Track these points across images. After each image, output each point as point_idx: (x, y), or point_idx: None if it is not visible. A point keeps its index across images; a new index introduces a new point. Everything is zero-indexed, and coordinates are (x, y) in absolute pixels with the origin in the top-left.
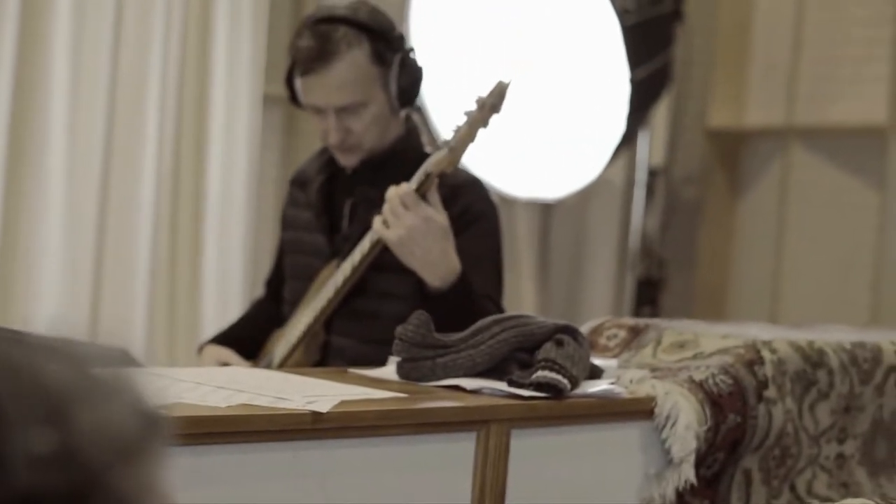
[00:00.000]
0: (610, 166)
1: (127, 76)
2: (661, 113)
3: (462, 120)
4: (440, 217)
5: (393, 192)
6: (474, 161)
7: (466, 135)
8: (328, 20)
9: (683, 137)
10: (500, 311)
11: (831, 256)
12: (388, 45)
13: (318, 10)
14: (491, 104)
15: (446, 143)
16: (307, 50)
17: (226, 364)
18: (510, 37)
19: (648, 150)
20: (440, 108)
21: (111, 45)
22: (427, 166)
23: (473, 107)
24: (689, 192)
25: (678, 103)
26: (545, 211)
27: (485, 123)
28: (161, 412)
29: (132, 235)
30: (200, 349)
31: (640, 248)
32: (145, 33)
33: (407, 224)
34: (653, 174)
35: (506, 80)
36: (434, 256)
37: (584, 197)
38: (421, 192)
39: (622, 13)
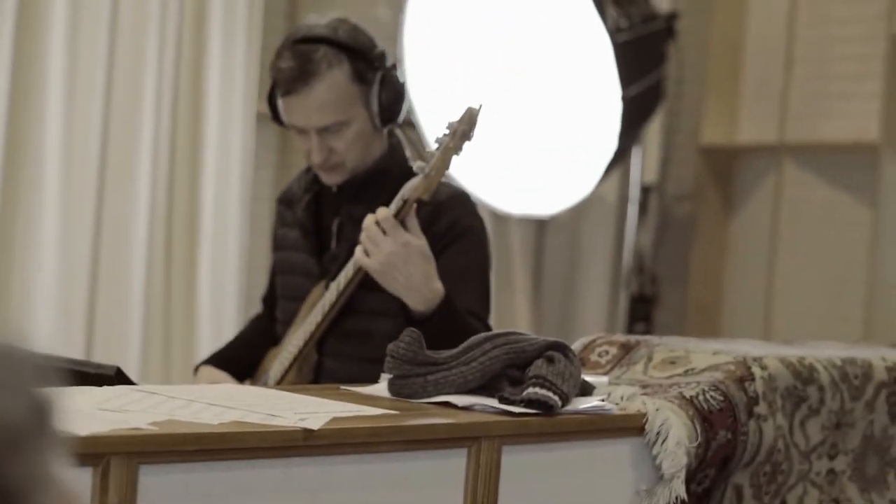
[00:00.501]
0: (603, 183)
1: (121, 95)
2: (654, 130)
3: (435, 147)
4: (419, 241)
5: (371, 220)
6: (468, 178)
7: (440, 162)
8: (308, 40)
9: (676, 154)
10: (486, 328)
11: (824, 273)
12: (368, 64)
13: (298, 29)
14: (462, 131)
15: (421, 169)
16: (287, 70)
17: None
18: (504, 53)
19: (641, 166)
20: (434, 121)
21: (105, 65)
22: (404, 193)
23: (446, 133)
24: (682, 208)
25: (671, 120)
26: (538, 227)
27: (457, 150)
28: (53, 405)
29: (127, 253)
30: (196, 370)
31: (633, 264)
32: (139, 53)
33: (387, 251)
34: (646, 191)
35: (475, 107)
36: (416, 281)
37: (578, 213)
38: (399, 217)
39: (615, 31)
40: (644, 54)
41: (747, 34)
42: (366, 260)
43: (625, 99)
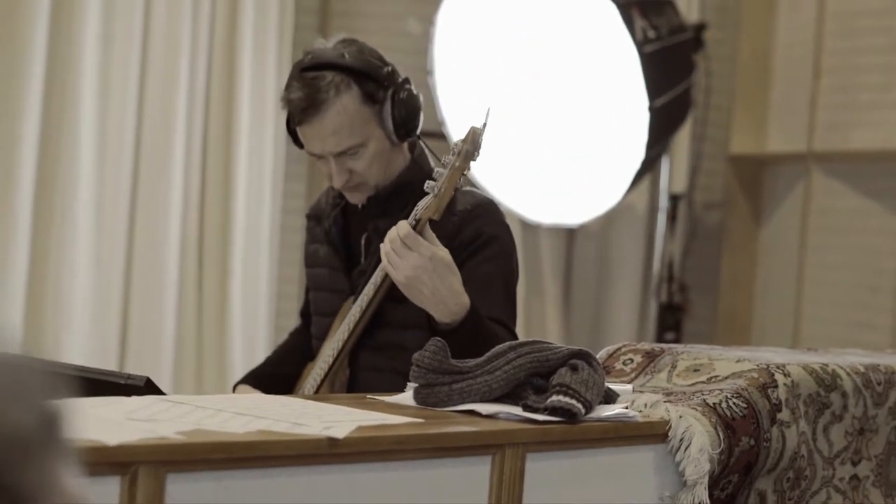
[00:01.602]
0: (632, 192)
1: (153, 108)
2: (682, 139)
3: (443, 167)
4: (444, 254)
5: (394, 234)
6: (497, 186)
7: (448, 182)
8: (314, 67)
9: (705, 163)
10: (512, 335)
11: (853, 281)
12: (377, 84)
13: (305, 56)
14: (466, 152)
15: (432, 189)
16: (297, 101)
17: None
18: (532, 63)
19: (670, 175)
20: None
21: (137, 79)
22: (416, 212)
23: (452, 153)
24: (712, 217)
25: (700, 130)
26: (568, 236)
27: (462, 171)
28: (62, 414)
29: (160, 264)
30: (234, 389)
31: (662, 273)
32: (171, 66)
33: (412, 264)
34: (675, 200)
35: (478, 126)
36: (442, 294)
37: (607, 222)
38: (417, 230)
39: (643, 41)
40: (672, 64)
41: (775, 44)
42: (393, 272)
43: (653, 109)
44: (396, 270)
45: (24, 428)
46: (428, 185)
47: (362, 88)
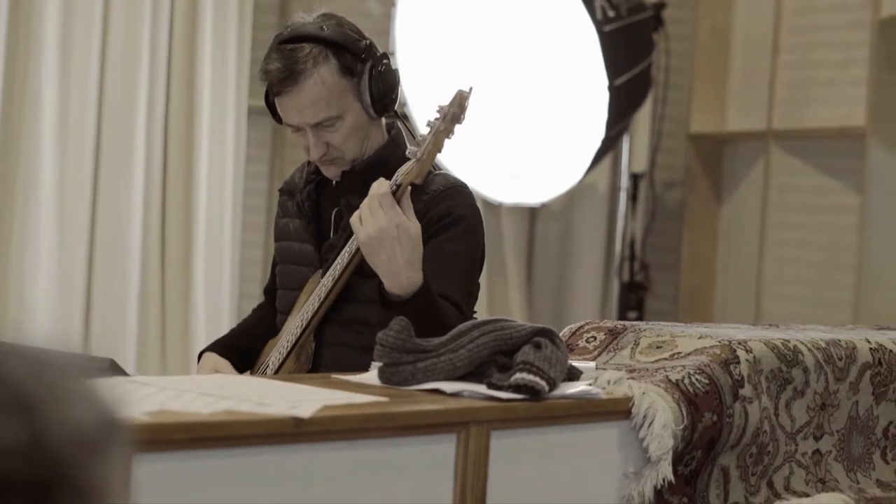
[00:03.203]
0: (593, 171)
1: (114, 91)
2: (643, 118)
3: (427, 131)
4: (412, 226)
5: (374, 190)
6: (459, 166)
7: (432, 146)
8: (293, 39)
9: (665, 142)
10: (465, 317)
11: (814, 258)
12: (355, 57)
13: (285, 29)
14: (452, 114)
15: (413, 154)
16: (275, 72)
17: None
18: (493, 44)
19: (631, 155)
20: (426, 112)
21: (98, 62)
22: (397, 177)
23: (436, 117)
24: (672, 196)
25: (660, 109)
26: (530, 216)
27: (448, 134)
28: (122, 414)
29: (123, 246)
30: (199, 356)
31: (624, 252)
32: (132, 50)
33: (378, 225)
34: (636, 179)
35: (465, 90)
36: (398, 265)
37: (569, 202)
38: (397, 197)
39: (603, 20)
40: (632, 44)
41: (734, 22)
42: (357, 227)
43: (613, 88)
44: (362, 227)
45: (91, 425)
46: (410, 150)
47: (340, 61)
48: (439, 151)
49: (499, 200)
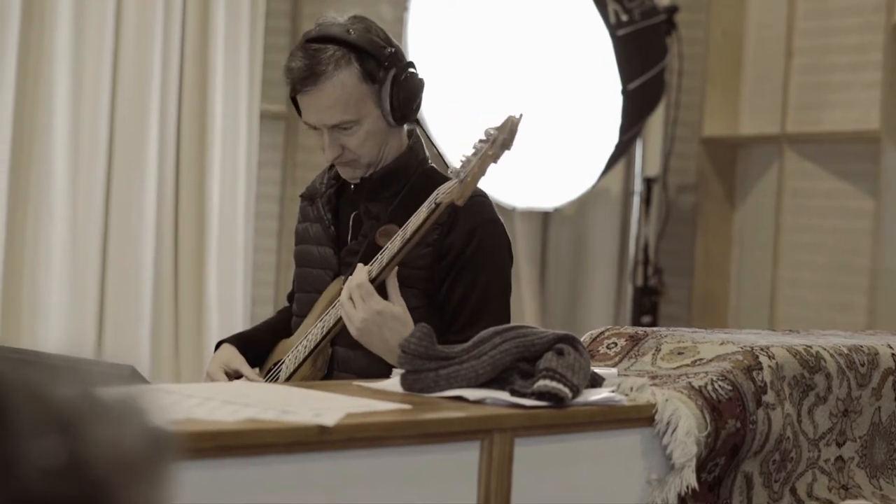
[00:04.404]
0: (606, 176)
1: (127, 97)
2: (656, 122)
3: (472, 152)
4: (393, 308)
5: (347, 287)
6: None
7: (478, 169)
8: (318, 40)
9: (679, 146)
10: None
11: (828, 261)
12: (378, 63)
13: (313, 28)
14: (502, 140)
15: (457, 174)
16: (297, 70)
17: (234, 370)
18: (506, 48)
19: (644, 159)
20: (437, 120)
21: (110, 67)
22: (437, 196)
23: (484, 139)
24: (686, 200)
25: (673, 113)
26: (543, 220)
27: (495, 159)
28: (169, 433)
29: (136, 253)
30: (217, 346)
31: (637, 256)
32: (144, 56)
33: (361, 317)
34: (649, 183)
35: (517, 116)
36: (392, 345)
37: (582, 206)
38: (378, 280)
39: (616, 25)
40: (645, 48)
41: (747, 26)
42: (347, 323)
43: (626, 92)
44: (350, 322)
45: (132, 447)
46: (452, 170)
47: (362, 66)
48: (483, 175)
49: (512, 205)
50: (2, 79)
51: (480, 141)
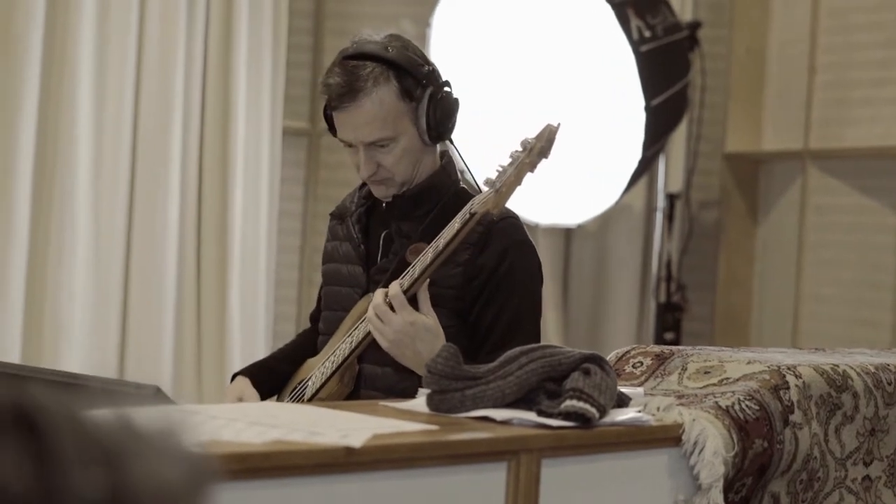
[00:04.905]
0: (629, 192)
1: (149, 113)
2: (679, 138)
3: (508, 162)
4: (426, 319)
5: (380, 296)
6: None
7: (514, 179)
8: (357, 56)
9: (701, 162)
10: None
11: (851, 278)
12: (416, 81)
13: (351, 45)
14: (540, 148)
15: (493, 184)
16: (335, 87)
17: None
18: (528, 64)
19: (667, 175)
20: (459, 138)
21: (133, 85)
22: (471, 206)
23: (520, 149)
24: (709, 216)
25: (696, 129)
26: (566, 237)
27: (532, 168)
28: (207, 460)
29: (158, 269)
30: (233, 378)
31: (660, 272)
32: (167, 72)
33: (394, 328)
34: (672, 199)
35: (555, 124)
36: (425, 358)
37: (605, 222)
38: (410, 292)
39: (638, 41)
40: (668, 64)
41: (770, 41)
42: (378, 335)
43: (649, 108)
44: (381, 335)
45: (173, 480)
46: (487, 179)
47: (401, 84)
48: (519, 185)
49: (535, 221)
50: (25, 107)
51: (517, 151)
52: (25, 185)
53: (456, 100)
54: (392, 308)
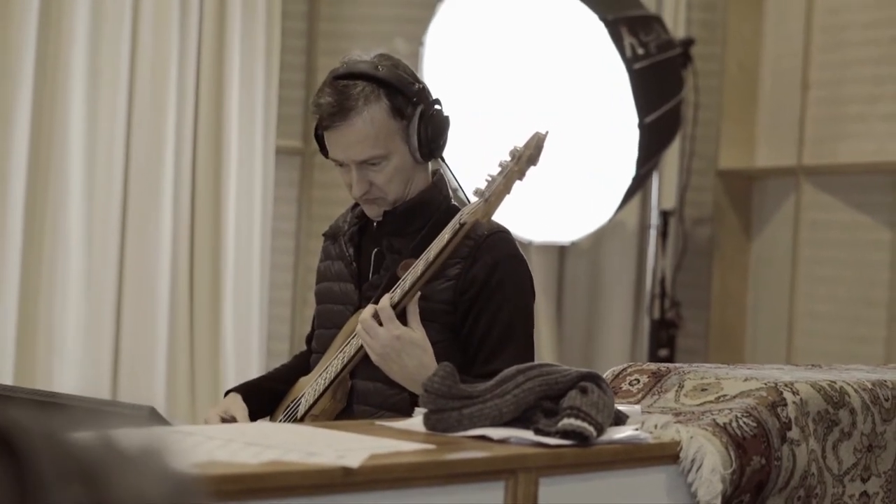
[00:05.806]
0: (623, 209)
1: (142, 134)
2: (672, 155)
3: (497, 171)
4: (413, 334)
5: (368, 311)
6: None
7: (503, 187)
8: (347, 76)
9: (695, 179)
10: None
11: (845, 294)
12: (407, 100)
13: (341, 65)
14: (528, 156)
15: (481, 193)
16: (326, 106)
17: (231, 416)
18: (521, 82)
19: (660, 192)
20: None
21: (125, 103)
22: (461, 217)
23: (508, 158)
24: (702, 232)
25: (689, 146)
26: (559, 254)
27: (521, 175)
28: (192, 478)
29: (152, 288)
30: (226, 395)
31: (654, 289)
32: (159, 93)
33: (381, 342)
34: (665, 216)
35: (542, 132)
36: (411, 371)
37: (598, 240)
38: (399, 307)
39: (632, 58)
40: (661, 81)
41: (763, 58)
42: (368, 350)
43: (643, 126)
44: (369, 349)
45: (160, 496)
46: (476, 189)
47: (391, 102)
48: (508, 193)
49: (528, 239)
50: (17, 125)
51: (505, 160)
52: (18, 202)
53: (447, 117)
54: (380, 322)
